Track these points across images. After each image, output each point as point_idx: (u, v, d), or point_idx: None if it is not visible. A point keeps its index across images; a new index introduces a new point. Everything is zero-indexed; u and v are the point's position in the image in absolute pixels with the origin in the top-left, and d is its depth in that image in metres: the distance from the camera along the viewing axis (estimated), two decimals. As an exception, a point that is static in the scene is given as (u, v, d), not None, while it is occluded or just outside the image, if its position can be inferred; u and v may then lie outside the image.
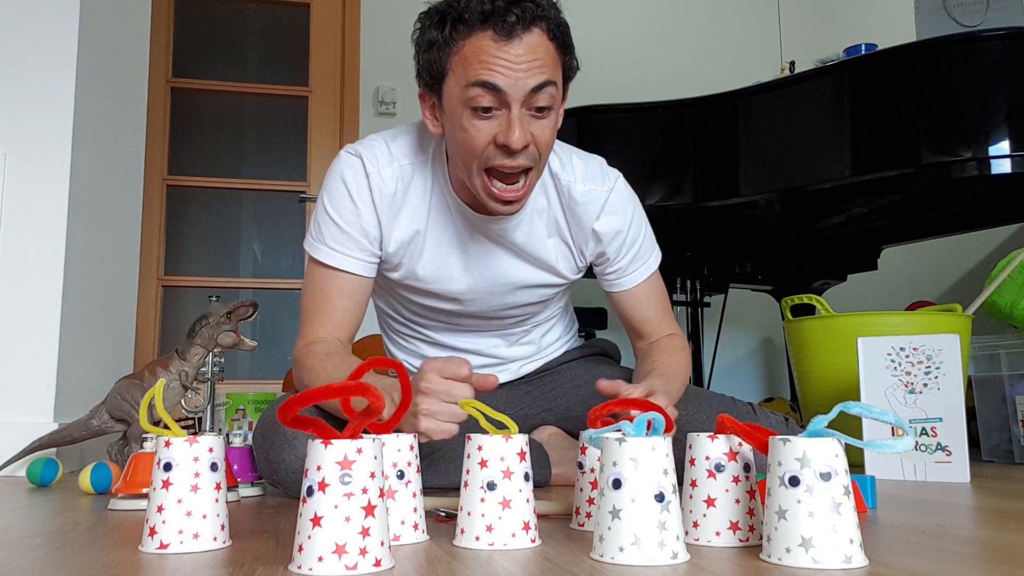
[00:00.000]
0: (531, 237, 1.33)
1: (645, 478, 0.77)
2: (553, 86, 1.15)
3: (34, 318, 1.98)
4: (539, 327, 1.52)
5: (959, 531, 0.98)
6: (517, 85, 1.11)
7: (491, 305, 1.40)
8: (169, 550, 0.83)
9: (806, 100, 2.22)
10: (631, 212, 1.37)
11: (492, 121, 1.14)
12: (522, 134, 1.13)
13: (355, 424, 0.76)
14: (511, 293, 1.39)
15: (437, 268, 1.34)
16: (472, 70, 1.12)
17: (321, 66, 3.35)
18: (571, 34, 1.21)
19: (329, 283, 1.30)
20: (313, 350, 1.27)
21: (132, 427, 1.64)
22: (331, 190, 1.30)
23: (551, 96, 1.15)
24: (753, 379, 3.57)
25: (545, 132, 1.17)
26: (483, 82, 1.11)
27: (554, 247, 1.36)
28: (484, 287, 1.36)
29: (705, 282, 2.83)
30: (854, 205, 2.36)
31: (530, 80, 1.12)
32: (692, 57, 3.61)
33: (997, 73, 2.02)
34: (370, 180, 1.27)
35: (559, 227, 1.35)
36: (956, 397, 1.64)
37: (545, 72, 1.13)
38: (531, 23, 1.12)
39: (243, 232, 3.44)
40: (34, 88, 2.05)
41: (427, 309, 1.41)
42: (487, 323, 1.44)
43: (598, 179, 1.34)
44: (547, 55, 1.14)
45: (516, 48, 1.11)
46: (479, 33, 1.12)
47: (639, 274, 1.40)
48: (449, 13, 1.14)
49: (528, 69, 1.12)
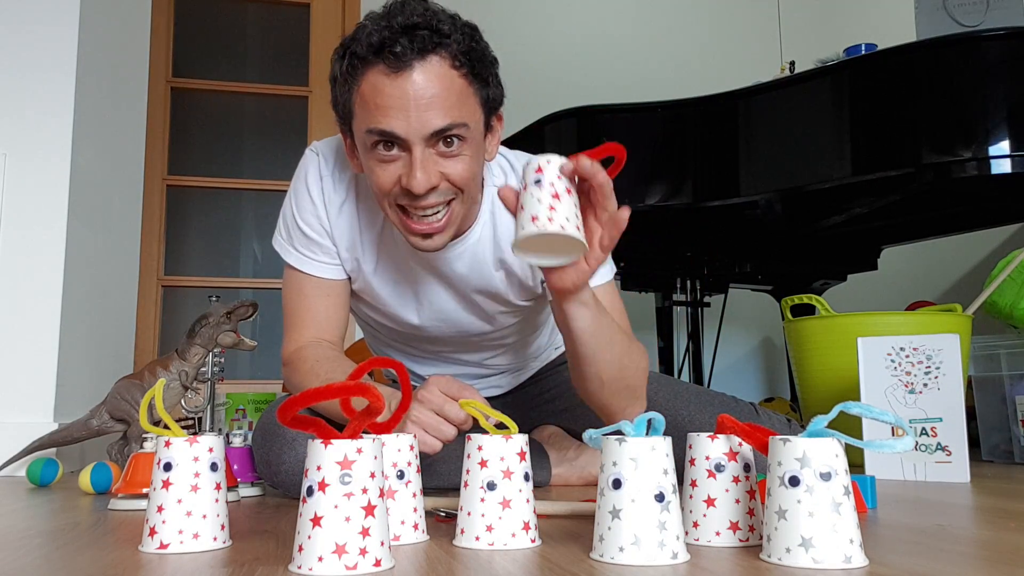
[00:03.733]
0: (474, 268, 1.25)
1: (645, 478, 0.77)
2: (460, 126, 1.06)
3: (34, 318, 1.98)
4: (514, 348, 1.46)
5: (959, 531, 0.98)
6: (413, 129, 1.03)
7: (448, 333, 1.35)
8: (169, 550, 0.83)
9: (806, 100, 2.22)
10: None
11: (396, 164, 1.07)
12: (425, 177, 1.05)
13: (355, 424, 0.76)
14: (465, 323, 1.33)
15: (389, 296, 1.30)
16: (369, 115, 1.05)
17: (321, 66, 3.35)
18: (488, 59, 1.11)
19: (304, 285, 1.27)
20: (304, 355, 1.24)
21: (132, 427, 1.64)
22: (295, 188, 1.27)
23: (459, 132, 1.06)
24: (753, 379, 3.57)
25: (458, 168, 1.08)
26: (379, 130, 1.05)
27: (502, 279, 1.28)
28: (439, 319, 1.32)
29: (705, 282, 2.83)
30: (854, 205, 2.35)
31: (430, 122, 1.03)
32: (692, 57, 3.61)
33: (997, 73, 2.02)
34: (323, 183, 1.24)
35: (505, 260, 1.26)
36: (956, 397, 1.64)
37: (449, 112, 1.04)
38: (426, 52, 1.03)
39: (243, 232, 3.44)
40: (34, 88, 2.05)
41: (391, 331, 1.38)
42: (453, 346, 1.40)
43: None
44: (450, 88, 1.04)
45: (409, 83, 1.02)
46: (372, 68, 1.05)
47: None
48: (348, 46, 1.08)
49: (428, 107, 1.03)
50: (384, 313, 1.33)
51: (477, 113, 1.10)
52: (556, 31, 3.42)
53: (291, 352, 1.28)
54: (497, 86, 1.14)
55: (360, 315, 1.42)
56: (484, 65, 1.10)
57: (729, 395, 1.47)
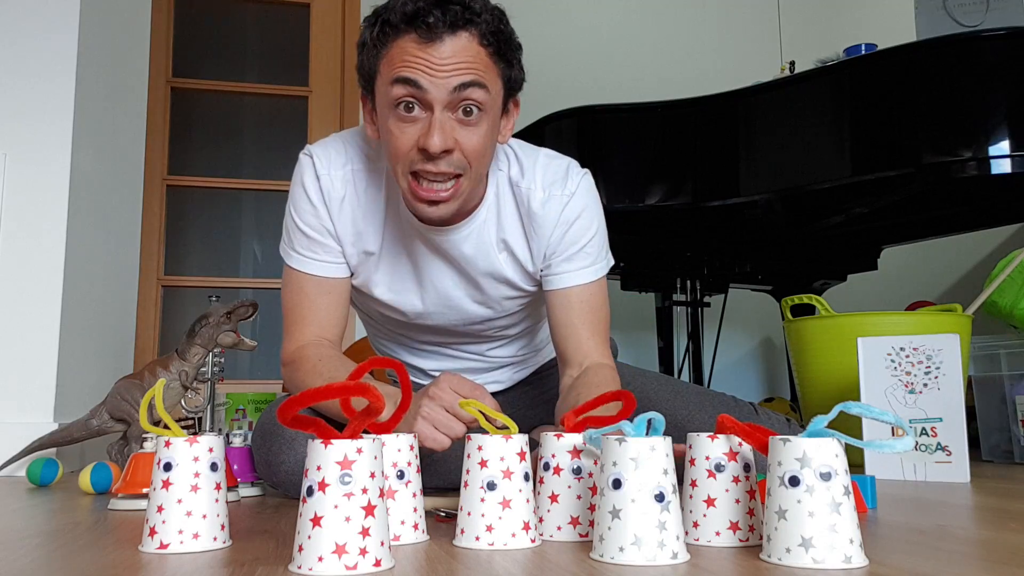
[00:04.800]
0: (479, 249, 1.27)
1: (645, 478, 0.77)
2: (480, 88, 1.10)
3: (34, 318, 1.98)
4: (515, 340, 1.47)
5: (959, 531, 0.98)
6: (437, 84, 1.08)
7: (451, 320, 1.35)
8: (169, 550, 0.83)
9: (806, 100, 2.22)
10: (581, 208, 1.27)
11: (415, 125, 1.10)
12: (441, 138, 1.08)
13: (355, 424, 0.76)
14: (469, 308, 1.34)
15: (392, 283, 1.31)
16: (395, 70, 1.10)
17: (321, 66, 3.35)
18: (514, 43, 1.16)
19: (305, 285, 1.28)
20: (305, 354, 1.25)
21: (132, 427, 1.64)
22: (292, 195, 1.28)
23: (479, 99, 1.10)
24: (753, 379, 3.56)
25: (472, 139, 1.11)
26: (403, 78, 1.08)
27: (504, 263, 1.29)
28: (443, 304, 1.32)
29: (705, 282, 2.83)
30: (854, 205, 2.36)
31: (452, 79, 1.08)
32: (692, 57, 3.61)
33: (997, 73, 2.02)
34: (320, 183, 1.25)
35: (508, 243, 1.28)
36: (956, 397, 1.64)
37: (472, 72, 1.09)
38: (457, 27, 1.08)
39: (243, 232, 3.44)
40: (34, 88, 2.05)
41: (394, 322, 1.39)
42: (456, 335, 1.40)
43: (559, 183, 1.27)
44: (476, 59, 1.09)
45: (439, 51, 1.08)
46: (404, 36, 1.09)
47: (577, 275, 1.28)
48: (380, 15, 1.12)
49: (452, 71, 1.08)
50: (387, 304, 1.33)
51: (498, 86, 1.14)
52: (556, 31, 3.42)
53: (292, 352, 1.28)
54: (520, 70, 1.18)
55: (364, 309, 1.42)
56: (510, 47, 1.14)
57: (729, 395, 1.47)
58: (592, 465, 0.91)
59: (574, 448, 0.91)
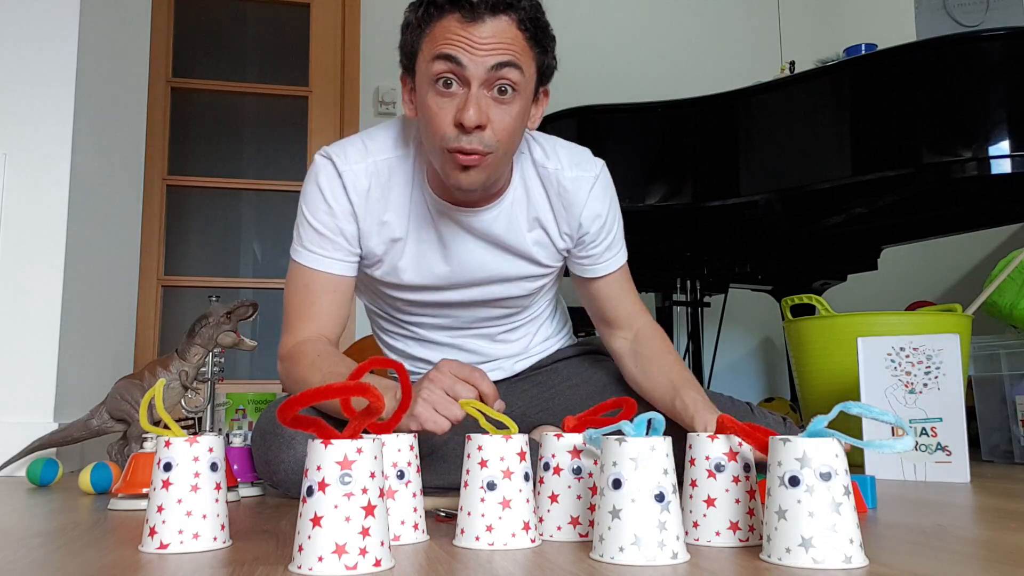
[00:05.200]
0: (510, 229, 1.34)
1: (645, 478, 0.77)
2: (515, 69, 1.16)
3: (34, 318, 1.98)
4: (524, 326, 1.51)
5: (959, 531, 0.98)
6: (476, 61, 1.14)
7: (472, 297, 1.40)
8: (169, 550, 0.83)
9: (806, 100, 2.22)
10: (611, 200, 1.39)
11: (453, 100, 1.16)
12: (477, 112, 1.14)
13: (355, 424, 0.76)
14: (491, 285, 1.39)
15: (418, 264, 1.34)
16: (437, 47, 1.15)
17: (321, 66, 3.35)
18: (549, 33, 1.22)
19: (311, 281, 1.31)
20: (303, 350, 1.26)
21: (132, 427, 1.64)
22: (306, 194, 1.31)
23: (514, 80, 1.16)
24: (753, 379, 3.57)
25: (505, 118, 1.17)
26: (444, 55, 1.14)
27: (534, 240, 1.36)
28: (464, 278, 1.37)
29: (705, 282, 2.83)
30: (854, 205, 2.35)
31: (489, 58, 1.14)
32: (692, 57, 3.61)
33: (997, 73, 2.02)
34: (343, 179, 1.28)
35: (541, 220, 1.35)
36: (956, 397, 1.64)
37: (509, 53, 1.15)
38: (498, 10, 1.14)
39: (243, 232, 3.44)
40: (34, 88, 2.05)
41: (410, 304, 1.42)
42: (470, 317, 1.44)
43: (586, 165, 1.36)
44: (513, 42, 1.16)
45: (480, 30, 1.14)
46: (448, 16, 1.15)
47: (613, 262, 1.41)
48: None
49: (491, 50, 1.14)
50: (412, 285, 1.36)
51: (532, 70, 1.20)
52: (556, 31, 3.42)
53: (290, 347, 1.29)
54: (552, 59, 1.25)
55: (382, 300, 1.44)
56: (546, 36, 1.22)
57: (726, 395, 1.47)
58: (592, 465, 0.91)
59: (574, 448, 0.91)
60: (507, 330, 1.49)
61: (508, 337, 1.50)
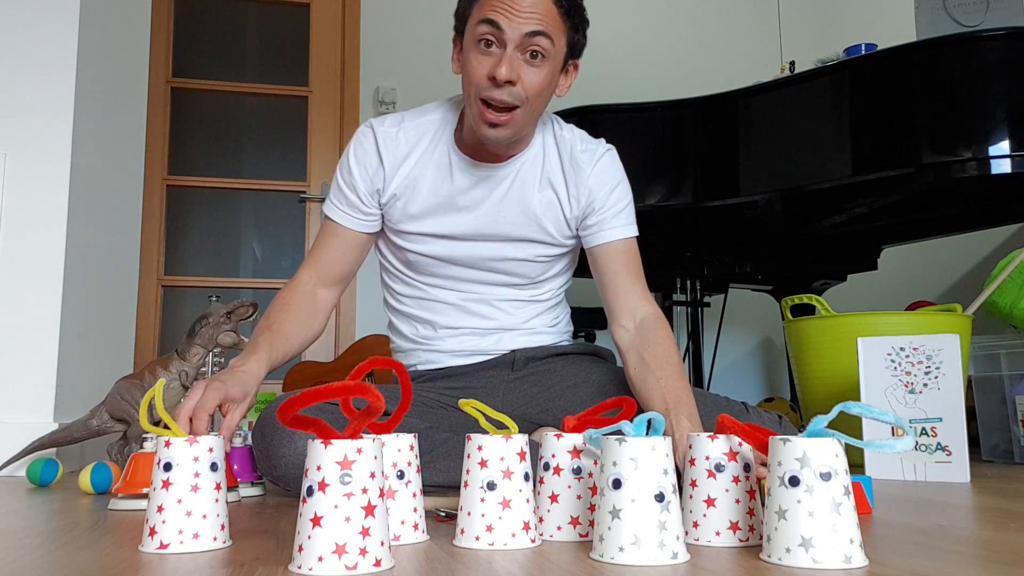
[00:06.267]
0: (522, 184, 1.47)
1: (645, 478, 0.77)
2: (546, 38, 1.31)
3: (34, 318, 1.98)
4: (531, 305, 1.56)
5: (959, 531, 0.98)
6: (512, 25, 1.30)
7: (479, 253, 1.49)
8: (169, 550, 0.83)
9: (806, 100, 2.22)
10: (620, 172, 1.51)
11: (490, 58, 1.32)
12: (509, 69, 1.30)
13: (355, 424, 0.76)
14: (496, 243, 1.49)
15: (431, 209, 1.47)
16: (483, 11, 1.32)
17: (321, 66, 3.35)
18: (583, 14, 1.37)
19: (325, 228, 1.51)
20: (282, 294, 1.44)
21: (132, 427, 1.64)
22: (344, 155, 1.51)
23: (544, 47, 1.31)
24: (753, 379, 3.57)
25: (534, 78, 1.33)
26: (487, 19, 1.31)
27: (542, 202, 1.47)
28: (470, 229, 1.48)
29: (705, 282, 2.83)
30: (854, 205, 2.35)
31: (524, 26, 1.30)
32: (692, 57, 3.61)
33: (997, 73, 2.02)
34: (376, 136, 1.47)
35: (552, 181, 1.48)
36: (956, 397, 1.64)
37: (542, 24, 1.31)
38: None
39: (243, 232, 3.44)
40: (34, 88, 2.05)
41: (420, 256, 1.50)
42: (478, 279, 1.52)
43: (593, 142, 1.51)
44: (548, 14, 1.31)
45: (521, 1, 1.30)
46: None
47: (620, 231, 1.47)
48: None
49: (528, 18, 1.30)
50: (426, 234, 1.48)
51: (562, 42, 1.35)
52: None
53: (288, 283, 1.47)
54: (583, 37, 1.40)
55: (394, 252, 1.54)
56: (579, 15, 1.37)
57: (723, 396, 1.47)
58: (592, 465, 0.91)
59: (574, 448, 0.91)
60: (513, 301, 1.55)
61: (512, 309, 1.55)
